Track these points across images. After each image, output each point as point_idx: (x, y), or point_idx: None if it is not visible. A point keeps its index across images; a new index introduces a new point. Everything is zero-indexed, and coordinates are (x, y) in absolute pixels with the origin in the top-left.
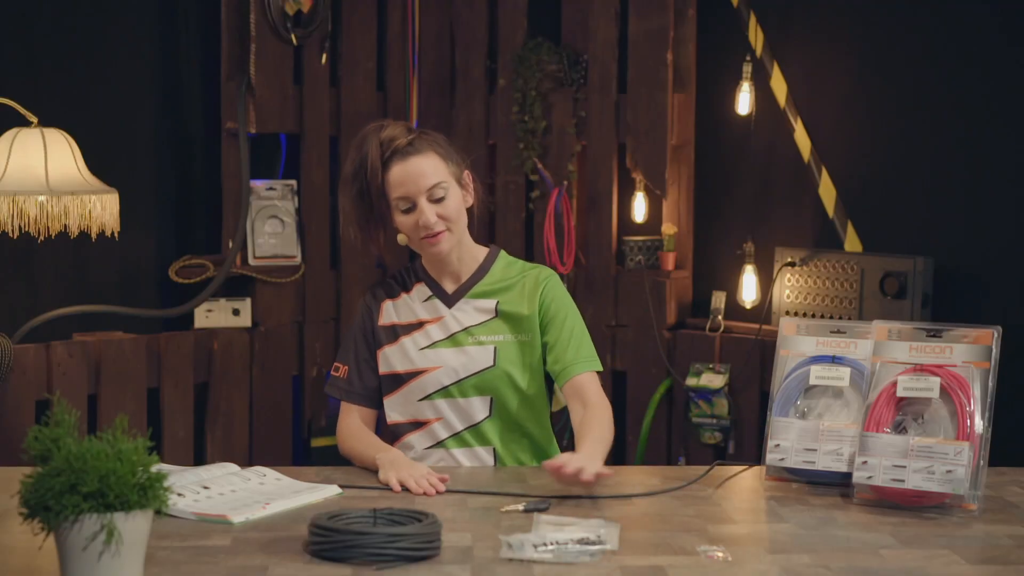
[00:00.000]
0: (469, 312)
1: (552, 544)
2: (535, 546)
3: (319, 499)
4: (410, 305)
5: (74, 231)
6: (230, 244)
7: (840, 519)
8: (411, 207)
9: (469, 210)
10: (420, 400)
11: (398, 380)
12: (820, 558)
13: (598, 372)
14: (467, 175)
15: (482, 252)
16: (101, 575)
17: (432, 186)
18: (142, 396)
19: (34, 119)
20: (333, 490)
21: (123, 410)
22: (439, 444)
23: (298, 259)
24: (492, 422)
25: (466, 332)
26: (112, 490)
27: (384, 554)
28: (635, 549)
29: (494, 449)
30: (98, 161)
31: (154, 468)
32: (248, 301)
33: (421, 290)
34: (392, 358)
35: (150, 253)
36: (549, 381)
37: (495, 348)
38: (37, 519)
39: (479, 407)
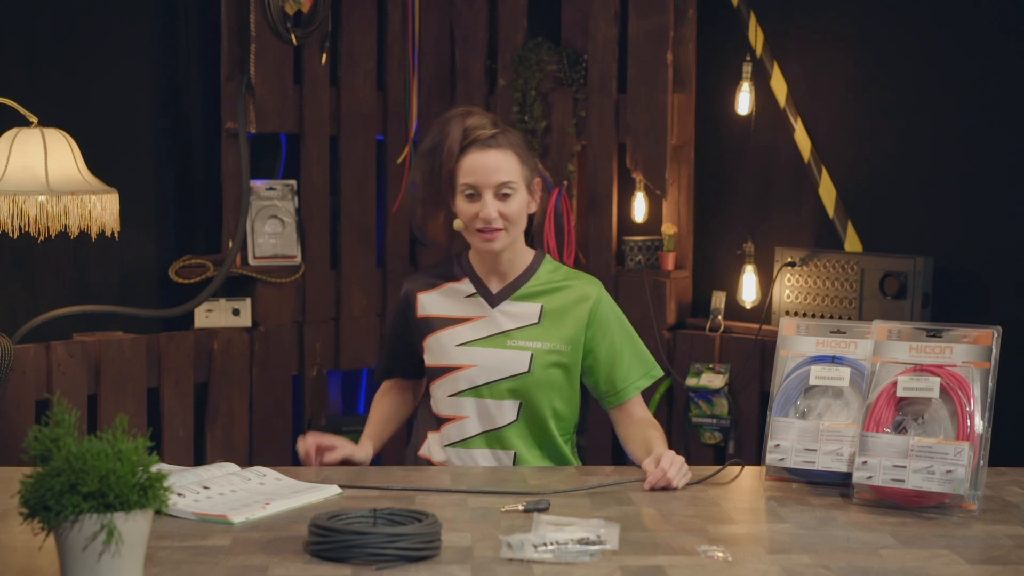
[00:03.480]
0: (512, 314)
1: (552, 544)
2: (535, 546)
3: (319, 499)
4: (451, 299)
5: (74, 231)
6: (230, 244)
7: (840, 519)
8: (476, 196)
9: (529, 216)
10: (451, 396)
11: (432, 374)
12: (820, 558)
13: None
14: (537, 182)
15: (530, 255)
16: (101, 575)
17: (502, 183)
18: (142, 396)
19: (34, 119)
20: (333, 490)
21: (123, 410)
22: (463, 442)
23: (298, 259)
24: (517, 427)
25: (506, 334)
26: (112, 490)
27: (384, 554)
28: (635, 549)
29: (515, 454)
30: (98, 161)
31: (154, 468)
32: (248, 301)
33: (465, 286)
34: (429, 351)
35: (150, 253)
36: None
37: (532, 354)
38: (37, 519)
39: (508, 410)
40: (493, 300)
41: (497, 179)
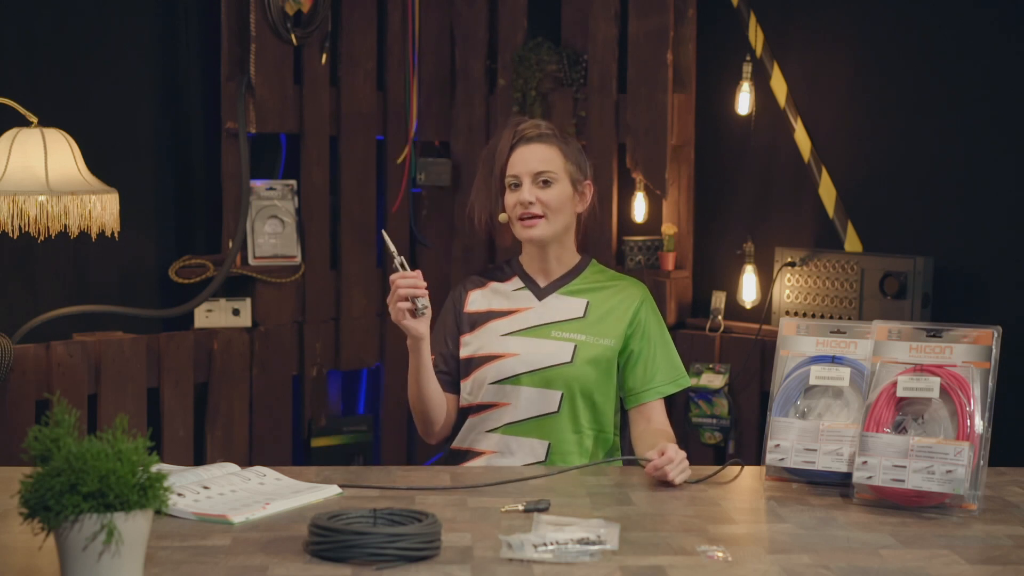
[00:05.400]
0: (558, 307)
1: (552, 544)
2: (535, 546)
3: (319, 499)
4: (500, 293)
5: (74, 231)
6: (230, 244)
7: (840, 519)
8: (518, 186)
9: (578, 220)
10: (492, 383)
11: (474, 363)
12: (820, 558)
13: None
14: (588, 185)
15: (577, 257)
16: (101, 575)
17: (541, 171)
18: (142, 396)
19: (34, 119)
20: (333, 490)
21: (123, 410)
22: (499, 429)
23: (298, 259)
24: (557, 418)
25: (551, 326)
26: (112, 490)
27: (384, 554)
28: (635, 549)
29: (549, 444)
30: (98, 161)
31: (154, 468)
32: (248, 301)
33: (513, 283)
34: (472, 343)
35: (150, 253)
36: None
37: (575, 346)
38: (37, 519)
39: (548, 400)
40: (540, 293)
41: (536, 167)
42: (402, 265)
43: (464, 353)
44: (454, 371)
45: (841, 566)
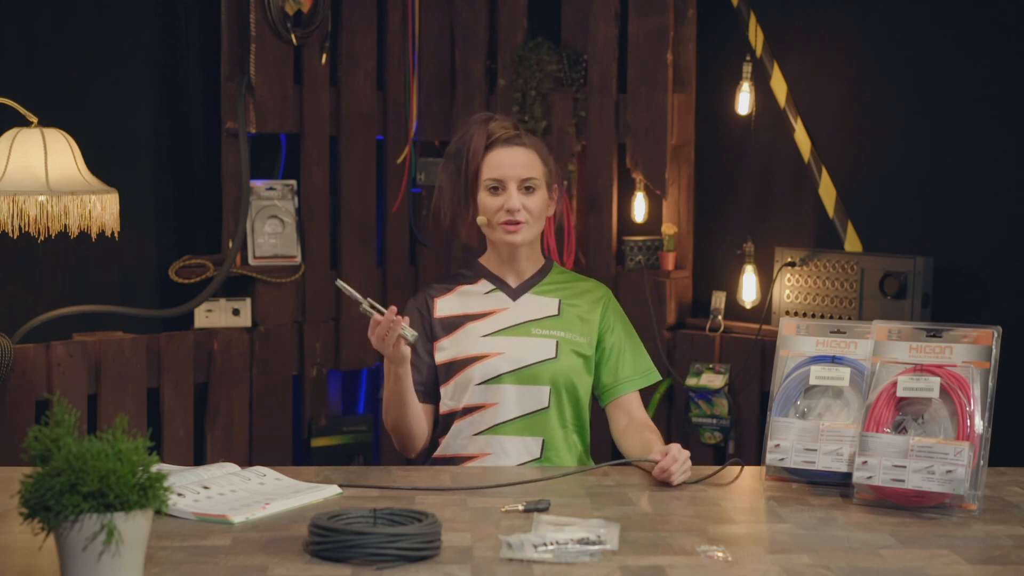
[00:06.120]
0: (532, 306)
1: (552, 544)
2: (535, 546)
3: (319, 499)
4: (471, 296)
5: (74, 231)
6: (230, 244)
7: (840, 519)
8: (500, 190)
9: (546, 222)
10: (478, 384)
11: (455, 367)
12: (820, 558)
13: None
14: (556, 188)
15: (542, 258)
16: (101, 575)
17: (527, 177)
18: (142, 396)
19: (34, 119)
20: (333, 490)
21: (123, 410)
22: (490, 429)
23: (298, 259)
24: (547, 414)
25: (529, 324)
26: (112, 490)
27: (384, 554)
28: (635, 549)
29: (543, 440)
30: (98, 161)
31: (154, 468)
32: (248, 301)
33: (481, 286)
34: (450, 347)
35: (150, 253)
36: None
37: (557, 342)
38: (37, 519)
39: (537, 397)
40: (514, 293)
41: (522, 173)
42: (372, 307)
43: (442, 358)
44: (428, 380)
45: (841, 566)
